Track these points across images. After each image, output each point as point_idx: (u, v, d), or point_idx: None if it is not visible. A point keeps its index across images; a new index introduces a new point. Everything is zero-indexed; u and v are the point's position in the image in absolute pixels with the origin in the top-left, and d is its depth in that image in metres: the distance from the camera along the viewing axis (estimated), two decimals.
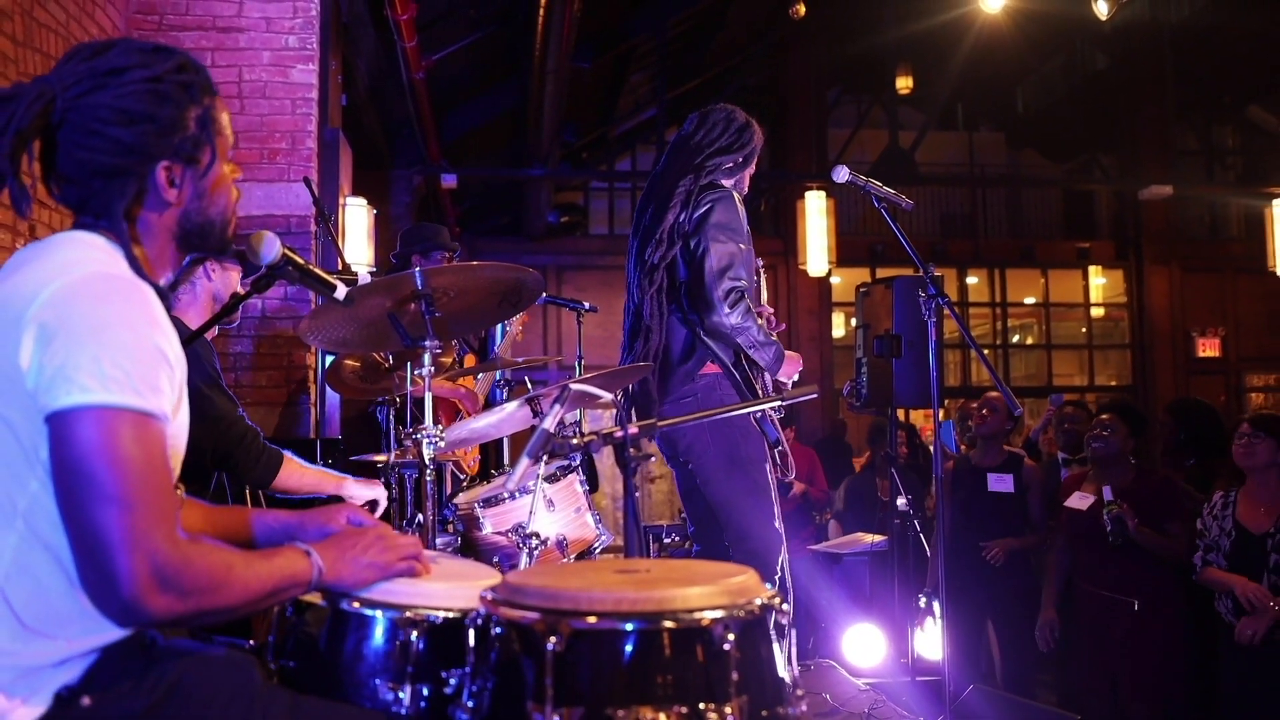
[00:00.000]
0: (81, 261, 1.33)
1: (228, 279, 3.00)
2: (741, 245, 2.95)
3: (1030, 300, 13.87)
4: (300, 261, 1.92)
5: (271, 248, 1.85)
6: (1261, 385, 13.32)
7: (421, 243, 4.34)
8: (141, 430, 1.25)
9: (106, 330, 1.26)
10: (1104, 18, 7.00)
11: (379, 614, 1.50)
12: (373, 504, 2.83)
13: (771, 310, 3.21)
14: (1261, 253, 9.95)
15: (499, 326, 5.55)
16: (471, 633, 1.43)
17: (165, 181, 1.41)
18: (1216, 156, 14.46)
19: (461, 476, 4.33)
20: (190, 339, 2.55)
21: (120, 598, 1.22)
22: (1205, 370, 12.90)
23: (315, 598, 1.52)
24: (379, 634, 1.50)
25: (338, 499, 2.79)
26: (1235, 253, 12.89)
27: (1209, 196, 13.59)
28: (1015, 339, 14.10)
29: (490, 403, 5.23)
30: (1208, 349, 12.90)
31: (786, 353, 3.03)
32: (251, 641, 1.66)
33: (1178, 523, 3.93)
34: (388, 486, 3.29)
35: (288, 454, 2.82)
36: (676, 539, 6.55)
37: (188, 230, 1.48)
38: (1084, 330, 13.78)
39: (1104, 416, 4.26)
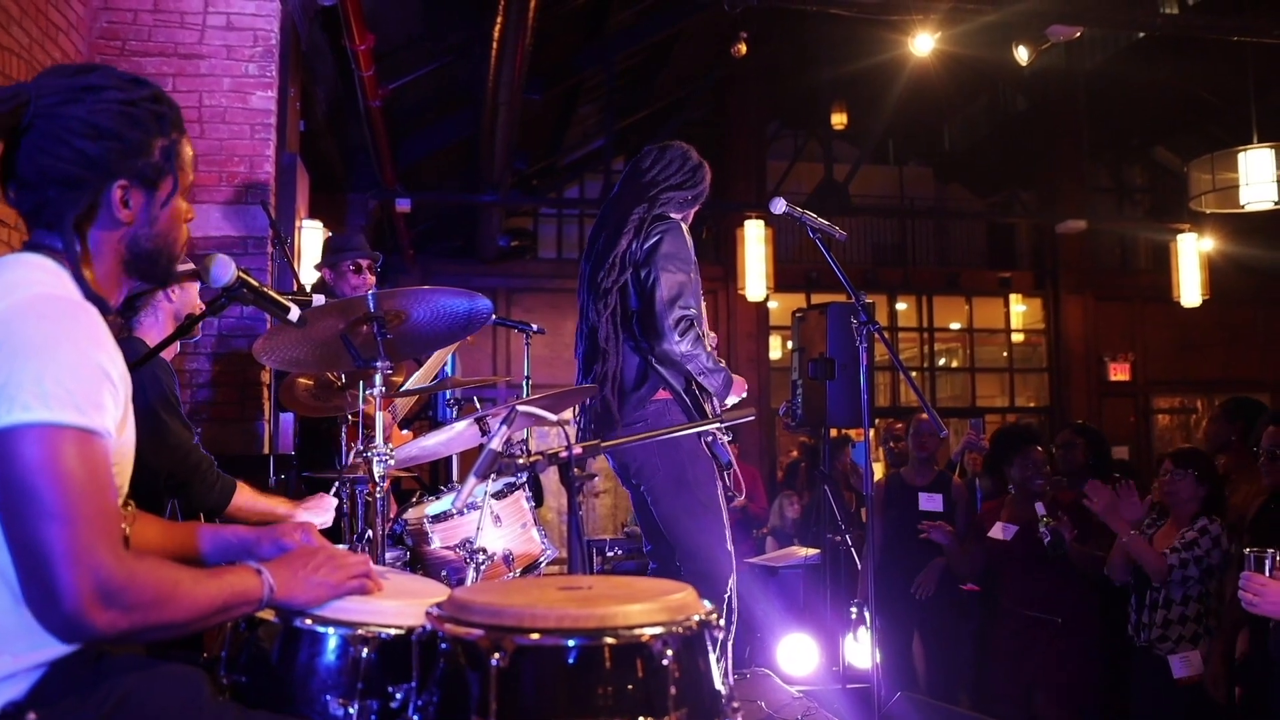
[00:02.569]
0: (26, 283, 1.32)
1: (187, 297, 3.01)
2: (691, 275, 3.00)
3: (955, 326, 14.09)
4: (254, 284, 1.94)
5: (226, 270, 1.86)
6: (1167, 407, 13.70)
7: (331, 254, 4.26)
8: (84, 447, 1.24)
9: (48, 349, 1.25)
10: (1024, 63, 7.19)
11: (331, 631, 1.50)
12: None
13: (714, 335, 3.26)
14: (1168, 283, 10.44)
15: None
16: (418, 648, 1.43)
17: (119, 201, 1.41)
18: (1126, 194, 14.86)
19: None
20: (146, 357, 2.56)
21: (63, 613, 1.20)
22: (1116, 393, 13.24)
23: (268, 614, 1.50)
24: (331, 651, 1.49)
25: None
26: (1144, 283, 13.23)
27: (1120, 231, 13.94)
28: (941, 362, 14.32)
29: (440, 422, 5.34)
30: (1118, 373, 13.22)
31: (734, 377, 3.06)
32: (205, 655, 1.64)
33: (1093, 540, 4.11)
34: (339, 499, 3.28)
35: (240, 482, 2.83)
36: (620, 553, 6.68)
37: (136, 254, 1.46)
38: (1005, 354, 14.05)
39: (1036, 449, 4.43)
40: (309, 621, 1.50)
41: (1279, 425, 3.47)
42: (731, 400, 3.08)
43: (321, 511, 2.89)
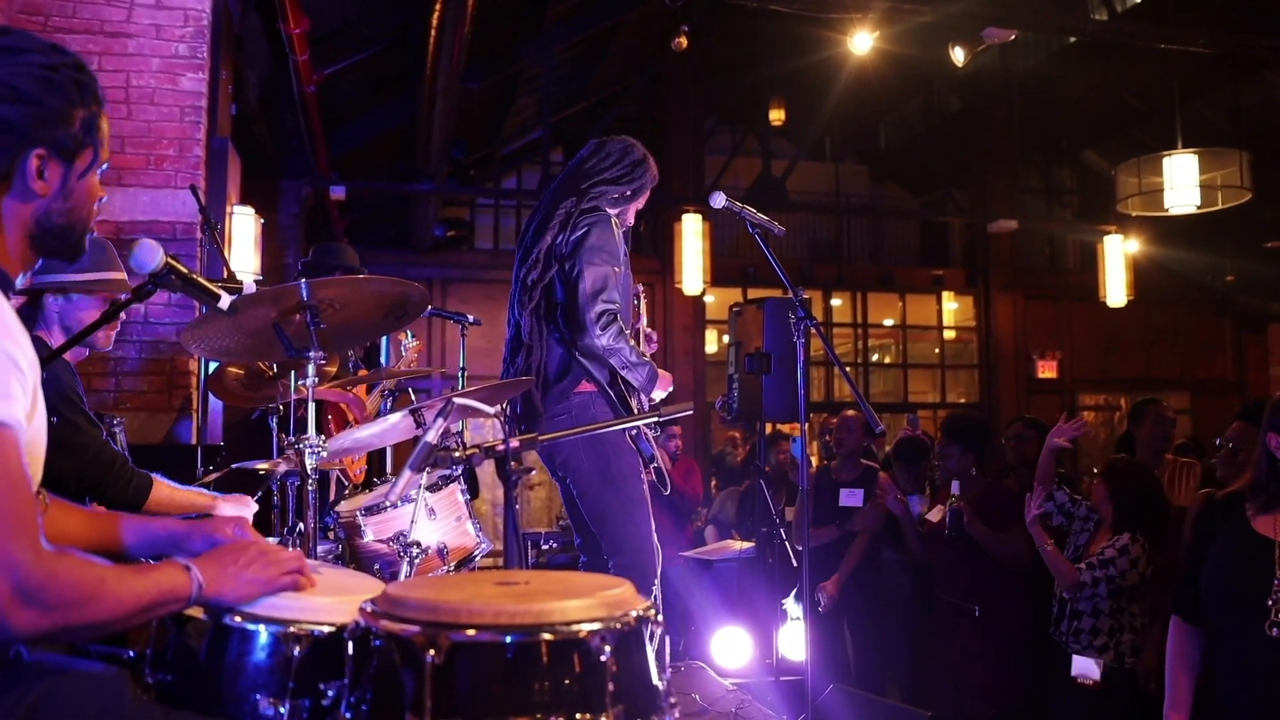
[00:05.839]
0: None
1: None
2: (616, 268, 2.95)
3: (889, 322, 14.27)
4: (183, 270, 1.88)
5: (153, 256, 1.80)
6: (1093, 404, 13.99)
7: (345, 265, 4.21)
8: None
9: None
10: (960, 64, 7.32)
11: (262, 628, 1.45)
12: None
13: (647, 324, 3.28)
14: (1094, 283, 10.74)
15: (384, 339, 5.61)
16: (351, 645, 1.39)
17: (35, 170, 1.34)
18: (1056, 195, 15.17)
19: (346, 484, 4.24)
20: (52, 356, 2.46)
21: None
22: (1043, 390, 13.50)
23: (196, 611, 1.46)
24: (261, 649, 1.45)
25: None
26: (1071, 283, 13.54)
27: (1049, 231, 14.26)
28: (875, 358, 14.50)
29: (377, 413, 5.27)
30: (1046, 370, 13.52)
31: (659, 371, 3.04)
32: (131, 652, 1.58)
33: (1018, 528, 4.07)
34: (269, 494, 3.24)
35: (157, 476, 2.73)
36: (555, 546, 6.68)
37: (46, 229, 1.39)
38: (937, 351, 14.25)
39: (941, 442, 4.51)
40: (239, 619, 1.46)
41: (1245, 422, 3.30)
42: (658, 395, 3.07)
43: (242, 507, 2.75)
